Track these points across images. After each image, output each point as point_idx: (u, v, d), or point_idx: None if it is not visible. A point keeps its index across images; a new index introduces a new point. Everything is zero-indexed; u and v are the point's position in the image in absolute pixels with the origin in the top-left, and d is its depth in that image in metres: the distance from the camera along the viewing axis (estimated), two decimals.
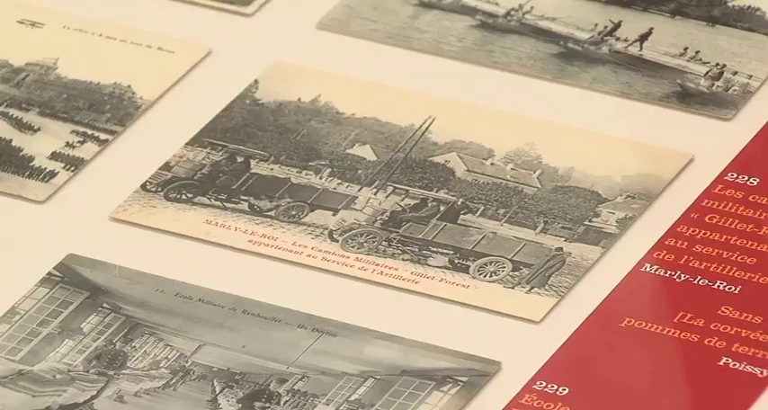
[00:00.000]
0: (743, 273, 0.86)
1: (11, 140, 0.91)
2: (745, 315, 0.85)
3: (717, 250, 0.87)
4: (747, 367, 0.83)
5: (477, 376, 0.84)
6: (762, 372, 0.83)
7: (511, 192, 0.88)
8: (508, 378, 0.84)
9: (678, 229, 0.88)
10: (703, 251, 0.87)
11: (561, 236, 0.87)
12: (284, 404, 0.83)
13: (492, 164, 0.89)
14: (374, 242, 0.88)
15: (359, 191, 0.89)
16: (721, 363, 0.84)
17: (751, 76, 0.89)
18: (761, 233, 0.87)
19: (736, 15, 0.92)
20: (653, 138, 0.90)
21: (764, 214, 0.87)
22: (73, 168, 0.90)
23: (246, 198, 0.89)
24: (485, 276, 0.87)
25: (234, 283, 0.87)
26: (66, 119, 0.90)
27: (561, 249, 0.87)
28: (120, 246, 0.89)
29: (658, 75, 0.91)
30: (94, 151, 0.90)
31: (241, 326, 0.86)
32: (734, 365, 0.84)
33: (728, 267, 0.86)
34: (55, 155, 0.90)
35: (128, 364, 0.85)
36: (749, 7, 0.91)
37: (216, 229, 0.89)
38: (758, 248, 0.87)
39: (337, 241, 0.88)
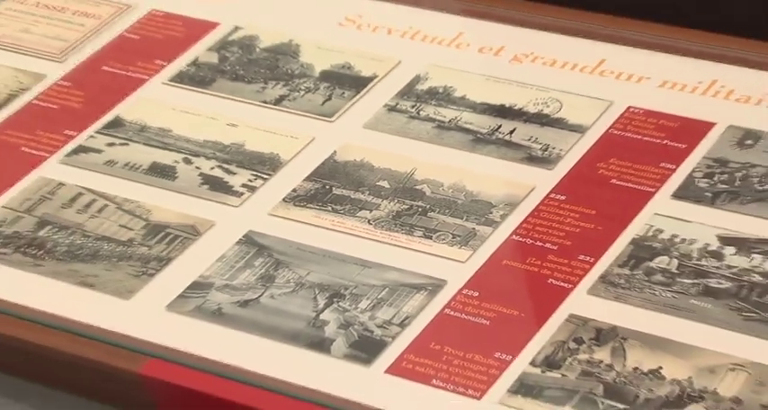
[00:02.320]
0: (558, 240, 0.84)
1: (222, 178, 0.89)
2: (560, 259, 0.83)
3: (546, 229, 0.85)
4: (561, 283, 0.82)
5: (436, 286, 0.82)
6: (567, 285, 0.81)
7: (451, 203, 0.87)
8: (450, 288, 0.82)
9: (529, 219, 0.86)
10: (540, 230, 0.85)
11: (474, 222, 0.85)
12: (347, 299, 0.82)
13: (443, 189, 0.87)
14: (389, 225, 0.86)
15: (382, 202, 0.87)
16: (548, 282, 0.82)
17: (561, 150, 0.88)
18: (566, 221, 0.85)
19: (554, 122, 0.91)
20: (517, 177, 0.88)
21: (569, 213, 0.85)
22: (251, 191, 0.89)
23: (331, 205, 0.87)
24: (439, 241, 0.85)
25: (325, 243, 0.85)
26: (248, 168, 0.90)
27: (474, 228, 0.85)
28: (272, 227, 0.87)
29: (519, 150, 0.90)
30: (261, 183, 0.89)
31: (328, 263, 0.84)
32: (555, 283, 0.82)
33: (552, 237, 0.85)
34: (243, 185, 0.89)
35: (275, 281, 0.83)
36: (559, 118, 0.91)
37: (317, 219, 0.87)
38: (564, 228, 0.85)
39: (372, 224, 0.86)
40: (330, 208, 0.87)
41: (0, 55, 1.01)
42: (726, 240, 0.82)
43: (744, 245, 0.82)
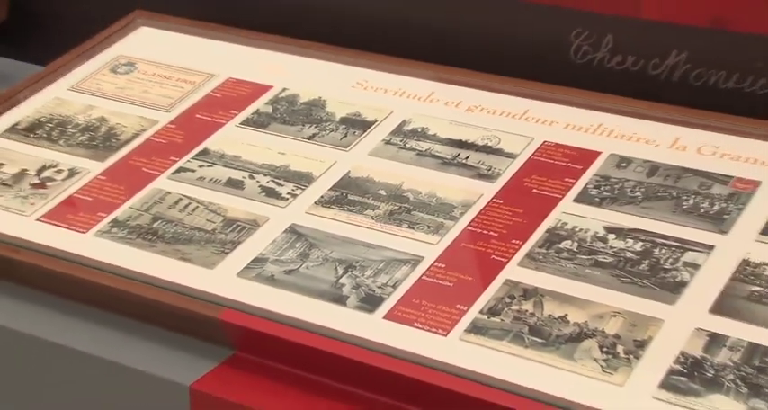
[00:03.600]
0: (498, 230, 0.83)
1: (274, 188, 0.88)
2: (499, 242, 0.81)
3: (490, 223, 0.83)
4: (500, 258, 0.80)
5: (417, 261, 0.81)
6: (504, 260, 0.80)
7: (427, 205, 0.85)
8: (426, 262, 0.81)
9: (478, 216, 0.84)
10: (486, 223, 0.83)
11: (442, 218, 0.84)
12: (357, 269, 0.80)
13: (421, 196, 0.86)
14: (386, 219, 0.84)
15: (380, 204, 0.86)
16: (491, 257, 0.80)
17: (500, 170, 0.87)
18: (503, 217, 0.84)
19: (495, 151, 0.90)
20: (471, 188, 0.87)
21: (505, 212, 0.84)
22: (293, 197, 0.87)
23: (347, 206, 0.86)
24: (419, 230, 0.83)
25: (343, 232, 0.84)
26: (292, 182, 0.88)
27: (442, 222, 0.84)
28: (307, 221, 0.85)
29: (472, 170, 0.88)
30: (300, 192, 0.87)
31: (345, 245, 0.82)
32: (496, 258, 0.80)
33: (494, 228, 0.83)
34: (288, 193, 0.87)
35: (309, 257, 0.82)
36: (498, 149, 0.90)
37: (337, 215, 0.85)
38: (501, 222, 0.83)
39: (374, 219, 0.85)
40: (346, 208, 0.85)
41: (130, 107, 1.00)
42: (609, 230, 0.81)
43: (621, 232, 0.81)
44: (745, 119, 0.88)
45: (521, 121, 0.93)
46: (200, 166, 0.92)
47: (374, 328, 0.76)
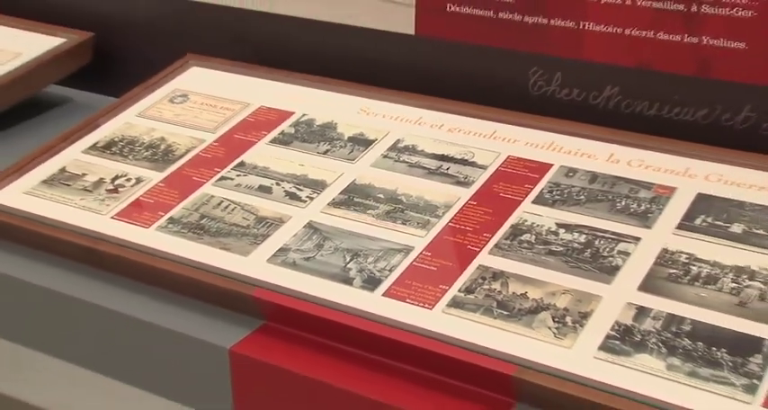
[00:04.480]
0: (472, 225, 0.81)
1: (296, 193, 0.86)
2: (473, 235, 0.79)
3: (466, 220, 0.81)
4: (474, 248, 0.78)
5: (408, 250, 0.78)
6: (477, 249, 0.77)
7: (416, 206, 0.83)
8: (416, 251, 0.78)
9: (457, 214, 0.82)
10: (463, 220, 0.81)
11: (428, 216, 0.82)
12: (361, 257, 0.78)
13: (412, 199, 0.84)
14: (384, 217, 0.82)
15: (380, 205, 0.83)
16: (467, 247, 0.77)
17: (474, 178, 0.85)
18: (476, 215, 0.81)
19: (471, 164, 0.88)
20: (451, 192, 0.84)
21: (478, 211, 0.82)
22: (311, 199, 0.84)
23: (353, 207, 0.83)
24: (410, 226, 0.81)
25: (350, 227, 0.81)
26: (310, 188, 0.86)
27: (428, 219, 0.82)
28: (322, 218, 0.83)
29: (452, 178, 0.86)
30: (316, 196, 0.85)
31: (352, 238, 0.80)
32: (471, 248, 0.78)
33: (469, 224, 0.81)
34: (307, 196, 0.86)
35: (324, 247, 0.80)
36: (473, 162, 0.89)
37: (346, 214, 0.83)
38: (475, 219, 0.81)
39: (375, 217, 0.82)
40: (353, 208, 0.83)
41: (183, 129, 0.98)
42: (560, 225, 0.79)
43: (569, 227, 0.79)
44: (664, 139, 0.88)
45: (490, 140, 0.91)
46: (238, 175, 0.90)
47: (375, 303, 0.74)
